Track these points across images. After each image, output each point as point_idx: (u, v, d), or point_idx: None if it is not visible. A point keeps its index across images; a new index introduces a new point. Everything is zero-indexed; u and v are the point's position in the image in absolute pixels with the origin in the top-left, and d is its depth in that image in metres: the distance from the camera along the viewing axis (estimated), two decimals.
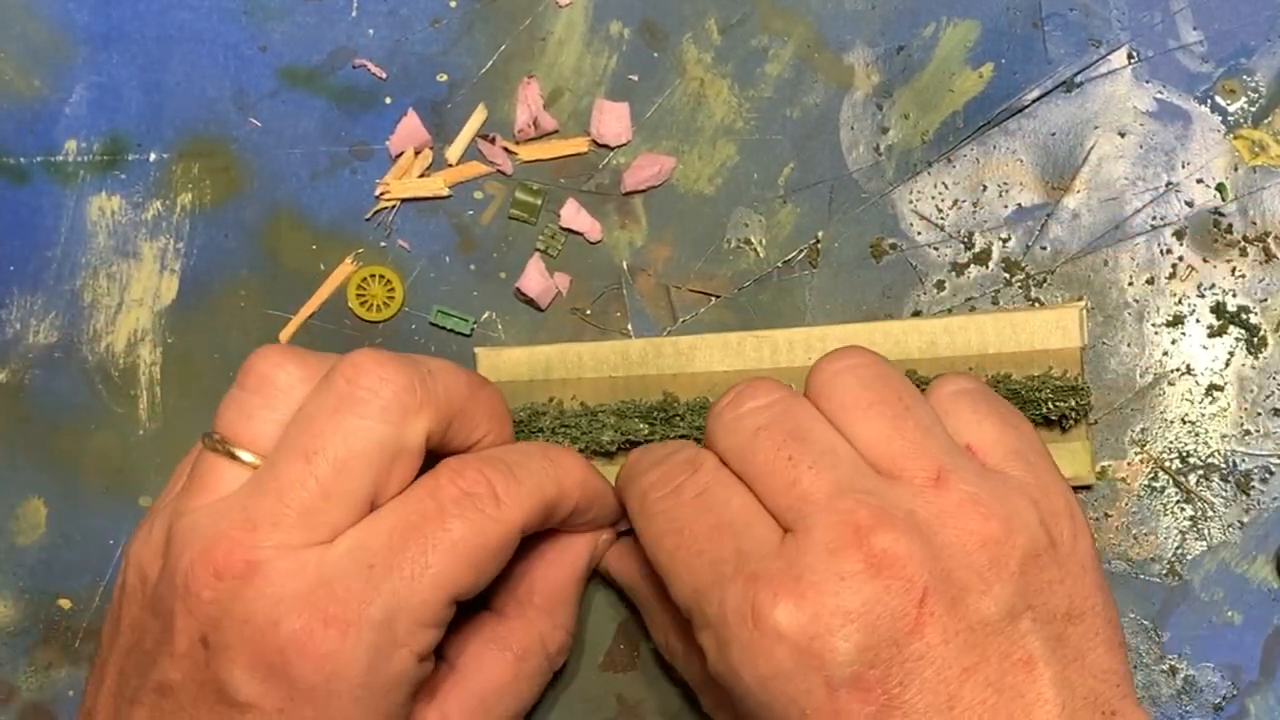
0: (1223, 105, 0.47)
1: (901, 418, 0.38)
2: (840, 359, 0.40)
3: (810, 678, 0.35)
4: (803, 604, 0.35)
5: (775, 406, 0.39)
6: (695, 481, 0.39)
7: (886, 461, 0.38)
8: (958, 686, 0.35)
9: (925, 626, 0.35)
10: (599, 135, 0.47)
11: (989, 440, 0.39)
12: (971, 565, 0.36)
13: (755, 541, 0.37)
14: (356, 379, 0.38)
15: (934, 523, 0.36)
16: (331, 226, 0.47)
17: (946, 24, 0.47)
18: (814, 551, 0.35)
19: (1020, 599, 0.36)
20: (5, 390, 0.47)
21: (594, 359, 0.46)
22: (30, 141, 0.47)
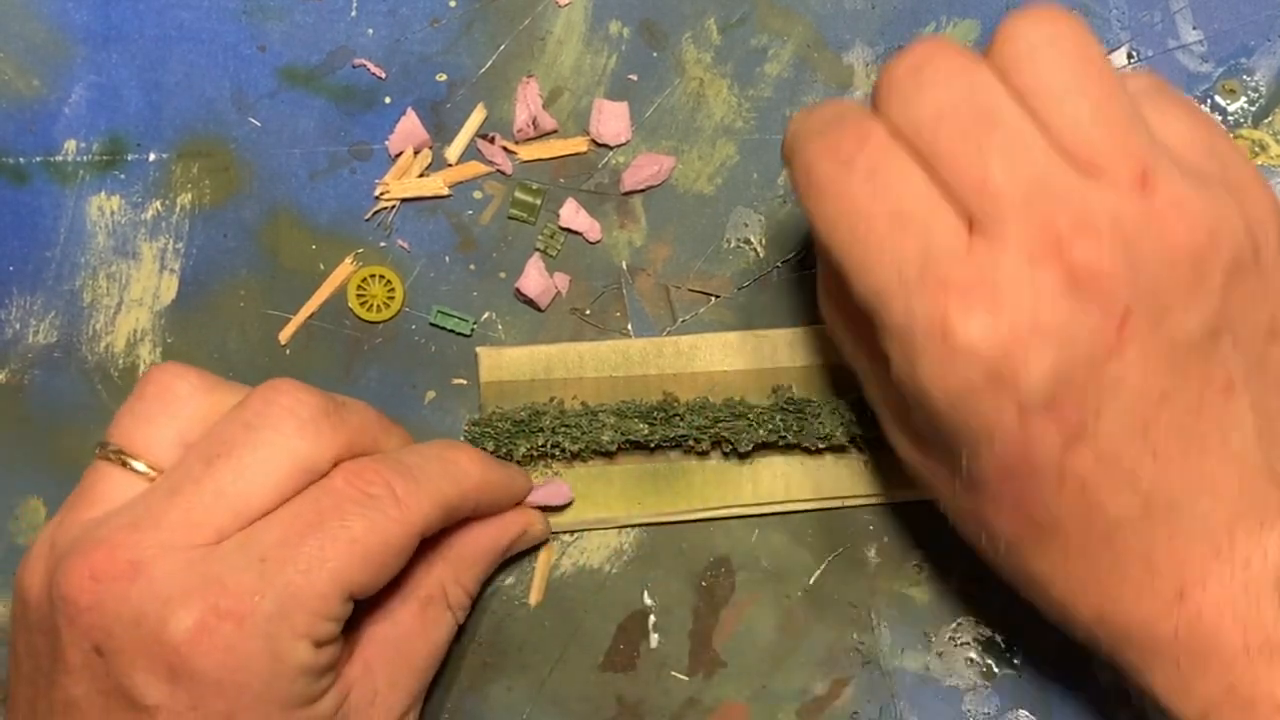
0: (1223, 105, 0.47)
1: (1103, 105, 0.34)
2: (1034, 29, 0.34)
3: (1002, 398, 0.32)
4: (999, 317, 0.32)
5: (959, 80, 0.34)
6: (866, 156, 0.35)
7: (1086, 155, 0.33)
8: (1155, 411, 0.32)
9: (1125, 348, 0.32)
10: (598, 135, 0.47)
11: (1184, 137, 0.35)
12: (1177, 279, 0.33)
13: (941, 239, 0.33)
14: (274, 399, 0.38)
15: (1139, 230, 0.32)
16: (331, 226, 0.47)
17: (946, 24, 0.47)
18: (1009, 259, 0.32)
19: (1223, 317, 0.33)
20: (5, 390, 0.47)
21: (595, 359, 0.46)
22: (30, 141, 0.47)
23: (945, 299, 0.32)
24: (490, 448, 0.45)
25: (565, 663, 0.46)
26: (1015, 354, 0.32)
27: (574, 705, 0.46)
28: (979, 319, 0.32)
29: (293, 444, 0.38)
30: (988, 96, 0.34)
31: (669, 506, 0.46)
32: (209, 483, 0.37)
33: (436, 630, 0.42)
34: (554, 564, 0.46)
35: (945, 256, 0.33)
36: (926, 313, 0.33)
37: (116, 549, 0.36)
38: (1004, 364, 0.32)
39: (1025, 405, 0.32)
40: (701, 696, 0.46)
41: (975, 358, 0.32)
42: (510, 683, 0.46)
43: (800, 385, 0.46)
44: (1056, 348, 0.32)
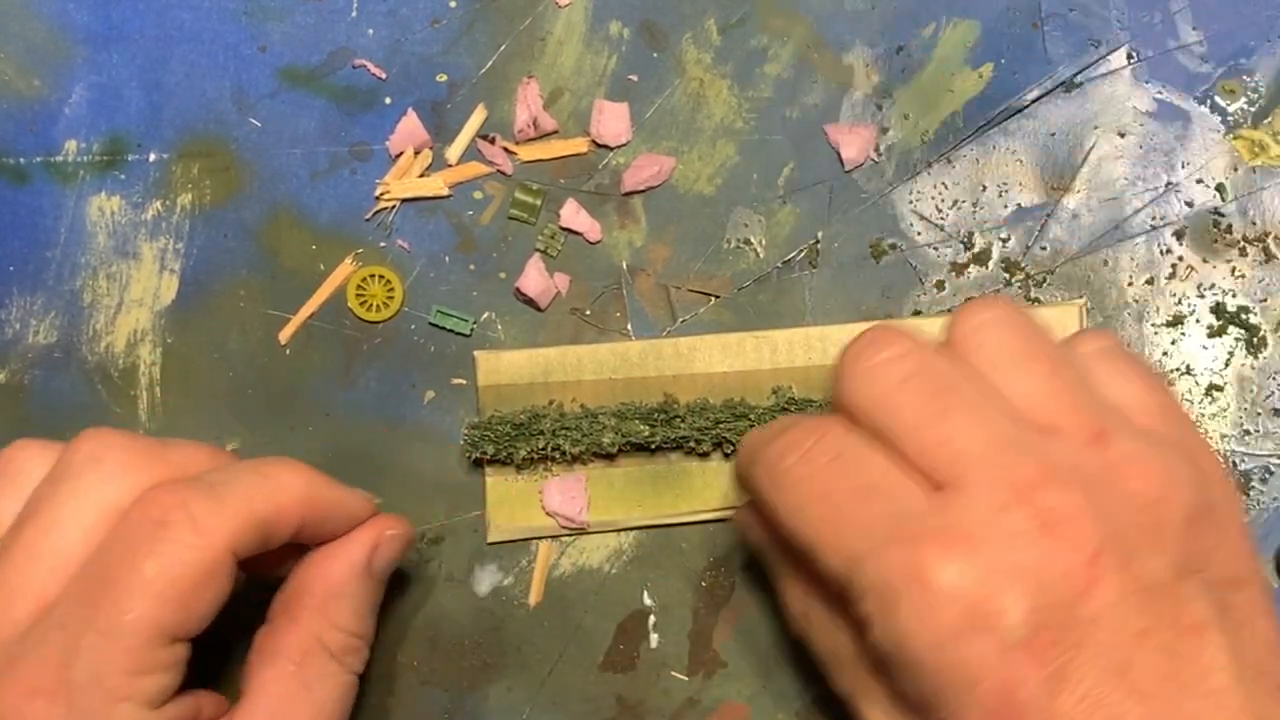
0: (1222, 105, 0.47)
1: (1055, 373, 0.36)
2: (984, 310, 0.37)
3: (983, 640, 0.33)
4: (975, 562, 0.33)
5: (915, 355, 0.37)
6: (826, 446, 0.37)
7: (1044, 417, 0.35)
8: (1132, 651, 0.33)
9: (1098, 587, 0.33)
10: (599, 135, 0.47)
11: (1137, 400, 0.37)
12: (1139, 524, 0.34)
13: (907, 501, 0.35)
14: (77, 448, 0.38)
15: (1098, 480, 0.34)
16: (331, 226, 0.47)
17: (946, 24, 0.47)
18: (978, 508, 0.34)
19: (1187, 561, 0.34)
20: (5, 390, 0.47)
21: (594, 361, 0.46)
22: (30, 141, 0.47)
23: (922, 547, 0.33)
24: (490, 451, 0.45)
25: (565, 663, 0.46)
26: (993, 594, 0.33)
27: (574, 705, 0.46)
28: (955, 563, 0.33)
29: (97, 490, 0.37)
30: (943, 368, 0.36)
31: (670, 508, 0.46)
32: (18, 550, 0.36)
33: (321, 689, 0.39)
34: (554, 564, 0.46)
35: (914, 514, 0.34)
36: (902, 564, 0.34)
37: None
38: (984, 604, 0.33)
39: (1006, 643, 0.33)
40: (701, 696, 0.46)
41: (955, 600, 0.33)
42: (510, 683, 0.46)
43: (800, 385, 0.46)
44: (1033, 586, 0.33)
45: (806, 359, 0.46)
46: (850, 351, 0.38)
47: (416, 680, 0.46)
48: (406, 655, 0.46)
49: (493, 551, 0.46)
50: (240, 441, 0.47)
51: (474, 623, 0.46)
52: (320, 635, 0.40)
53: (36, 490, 0.38)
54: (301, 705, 0.39)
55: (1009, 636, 0.33)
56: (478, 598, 0.46)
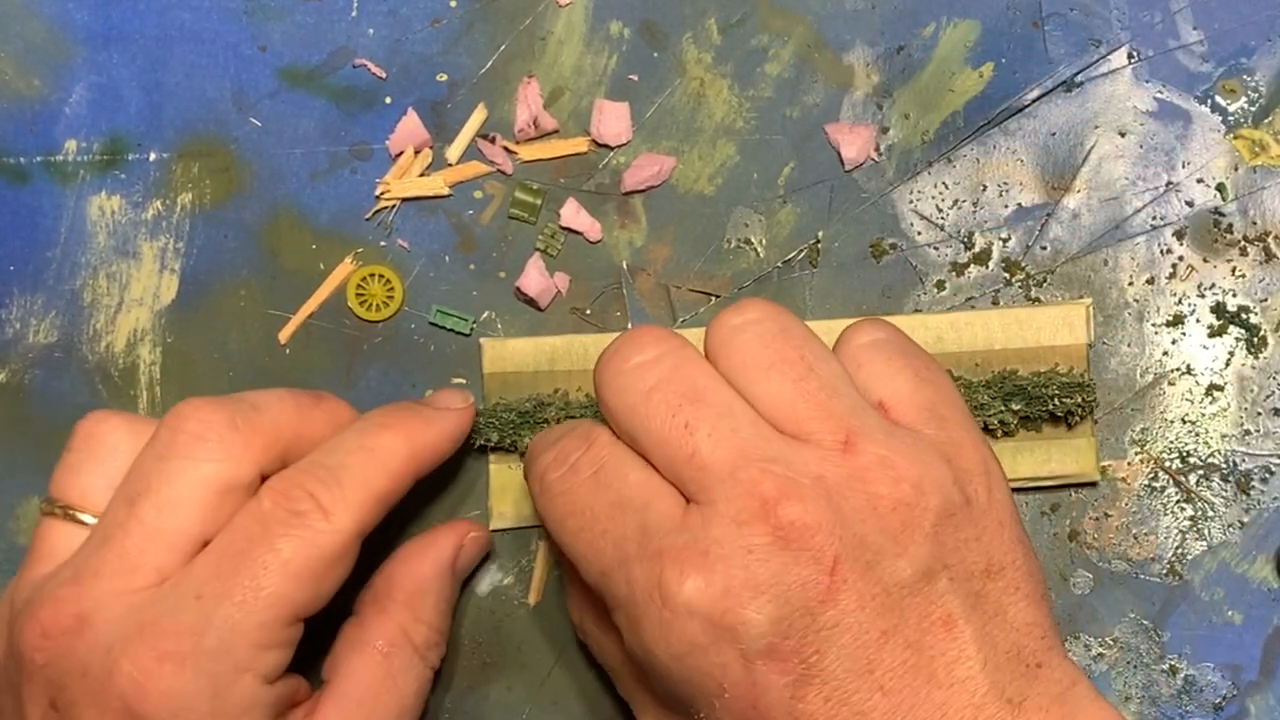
0: (1223, 105, 0.47)
1: (805, 379, 0.37)
2: (738, 313, 0.38)
3: (725, 651, 0.34)
4: (711, 578, 0.34)
5: (665, 362, 0.37)
6: (590, 458, 0.38)
7: (791, 424, 0.36)
8: (876, 650, 0.34)
9: (838, 593, 0.34)
10: (599, 135, 0.47)
11: (902, 396, 0.38)
12: (884, 529, 0.35)
13: (657, 516, 0.36)
14: (179, 426, 0.39)
15: (843, 487, 0.35)
16: (331, 226, 0.47)
17: (946, 24, 0.47)
18: (719, 524, 0.35)
19: (936, 559, 0.35)
20: (5, 390, 0.47)
21: (599, 350, 0.46)
22: (30, 141, 0.47)
23: (660, 565, 0.35)
24: (494, 438, 0.45)
25: (565, 663, 0.46)
26: (732, 609, 0.34)
27: (574, 705, 0.46)
28: (692, 580, 0.34)
29: (205, 469, 0.38)
30: (693, 375, 0.37)
31: None
32: (135, 524, 0.38)
33: (405, 680, 0.41)
34: (554, 563, 0.46)
35: (661, 529, 0.35)
36: (644, 580, 0.35)
37: (61, 604, 0.37)
38: (722, 619, 0.34)
39: (748, 654, 0.34)
40: None
41: (693, 616, 0.34)
42: (510, 683, 0.46)
43: None
44: (771, 599, 0.34)
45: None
46: (605, 353, 0.38)
47: None
48: None
49: (492, 551, 0.46)
50: None
51: (474, 623, 0.46)
52: (407, 628, 0.42)
53: (140, 464, 0.39)
54: (387, 694, 0.41)
55: (751, 647, 0.34)
56: (478, 597, 0.46)
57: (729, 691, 0.34)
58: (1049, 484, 0.46)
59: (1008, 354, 0.45)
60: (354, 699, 0.40)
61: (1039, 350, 0.45)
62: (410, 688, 0.41)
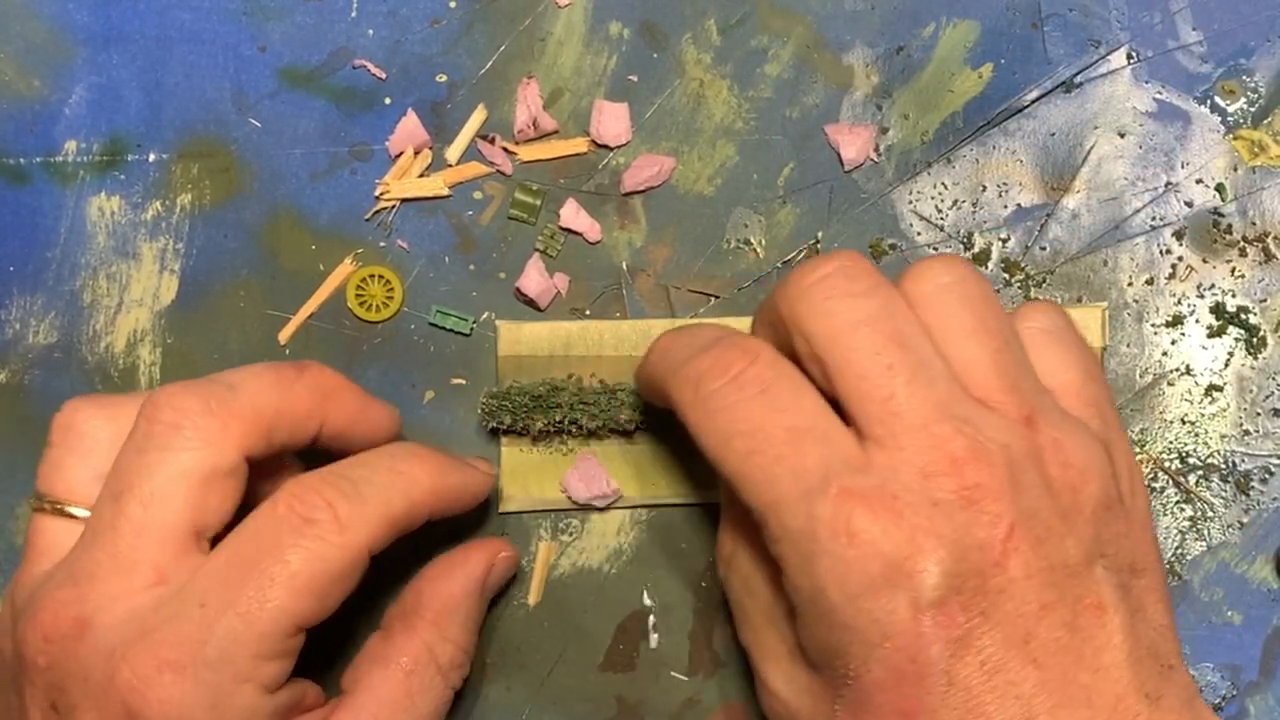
0: (1222, 105, 0.47)
1: (1002, 351, 0.37)
2: (945, 271, 0.38)
3: (898, 597, 0.34)
4: (899, 523, 0.34)
5: (875, 299, 0.37)
6: (756, 374, 0.37)
7: (981, 390, 0.37)
8: (1034, 623, 0.35)
9: (1009, 560, 0.35)
10: (599, 135, 0.47)
11: (1073, 387, 0.39)
12: (1055, 507, 0.36)
13: (839, 451, 0.36)
14: (155, 416, 0.38)
15: (1024, 460, 0.36)
16: (331, 227, 0.47)
17: (946, 24, 0.47)
18: (906, 471, 0.35)
19: (1095, 546, 0.36)
20: (5, 390, 0.47)
21: (615, 337, 0.46)
22: (30, 141, 0.47)
23: (850, 502, 0.35)
24: (507, 421, 0.45)
25: (565, 663, 0.46)
26: (914, 555, 0.34)
27: (574, 705, 0.46)
28: (883, 521, 0.34)
29: (184, 458, 0.37)
30: (900, 319, 0.37)
31: (686, 488, 0.46)
32: (123, 523, 0.37)
33: (425, 699, 0.41)
34: (553, 564, 0.46)
35: (845, 466, 0.35)
36: (830, 518, 0.35)
37: (61, 607, 0.37)
38: (905, 564, 0.34)
39: (919, 603, 0.34)
40: (701, 696, 0.46)
41: (876, 558, 0.34)
42: (510, 683, 0.46)
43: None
44: (950, 553, 0.34)
45: None
46: (807, 270, 0.38)
47: None
48: None
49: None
50: None
51: None
52: (433, 646, 0.42)
53: (121, 460, 0.38)
54: (404, 713, 0.41)
55: (923, 597, 0.34)
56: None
57: (891, 641, 0.34)
58: None
59: None
60: (369, 713, 0.40)
61: None
62: (429, 707, 0.41)
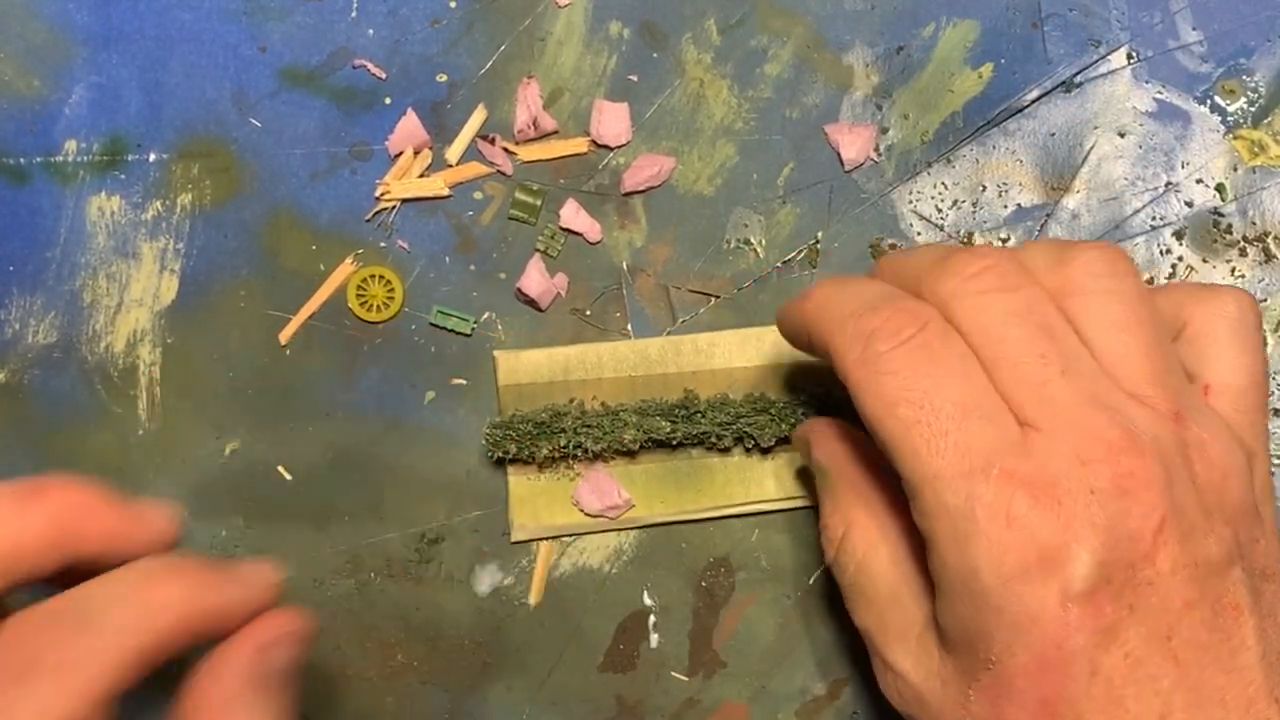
0: (1222, 105, 0.47)
1: (1153, 347, 0.37)
2: (1103, 262, 0.38)
3: (1049, 584, 0.34)
4: (1058, 510, 0.34)
5: (1023, 292, 0.37)
6: (926, 341, 0.36)
7: (1130, 383, 0.37)
8: (1178, 619, 0.35)
9: (1158, 554, 0.35)
10: (599, 135, 0.47)
11: (1232, 389, 0.39)
12: (1200, 505, 0.36)
13: (1004, 432, 0.35)
14: None
15: (1174, 454, 0.36)
16: (331, 227, 0.47)
17: (946, 24, 0.47)
18: (1064, 458, 0.35)
19: (1235, 547, 0.36)
20: (5, 390, 0.47)
21: (613, 359, 0.46)
22: (30, 141, 0.47)
23: (1012, 486, 0.35)
24: (513, 450, 0.45)
25: (565, 663, 0.46)
26: (1068, 544, 0.34)
27: (574, 705, 0.46)
28: (1042, 507, 0.34)
29: None
30: (1048, 311, 0.37)
31: (692, 504, 0.46)
32: None
33: None
34: (554, 564, 0.46)
35: (1008, 449, 0.35)
36: (992, 498, 0.35)
37: None
38: (1059, 552, 0.34)
39: (1069, 592, 0.34)
40: (701, 696, 0.46)
41: (1034, 543, 0.34)
42: (510, 683, 0.46)
43: (820, 380, 0.46)
44: (1103, 543, 0.34)
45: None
46: (957, 264, 0.38)
47: (416, 680, 0.46)
48: (406, 655, 0.46)
49: (493, 551, 0.46)
50: (240, 441, 0.47)
51: (474, 623, 0.46)
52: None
53: None
54: None
55: (1073, 586, 0.34)
56: (478, 598, 0.46)
57: (1040, 627, 0.34)
58: None
59: None
60: None
61: None
62: None
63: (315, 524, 0.46)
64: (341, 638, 0.46)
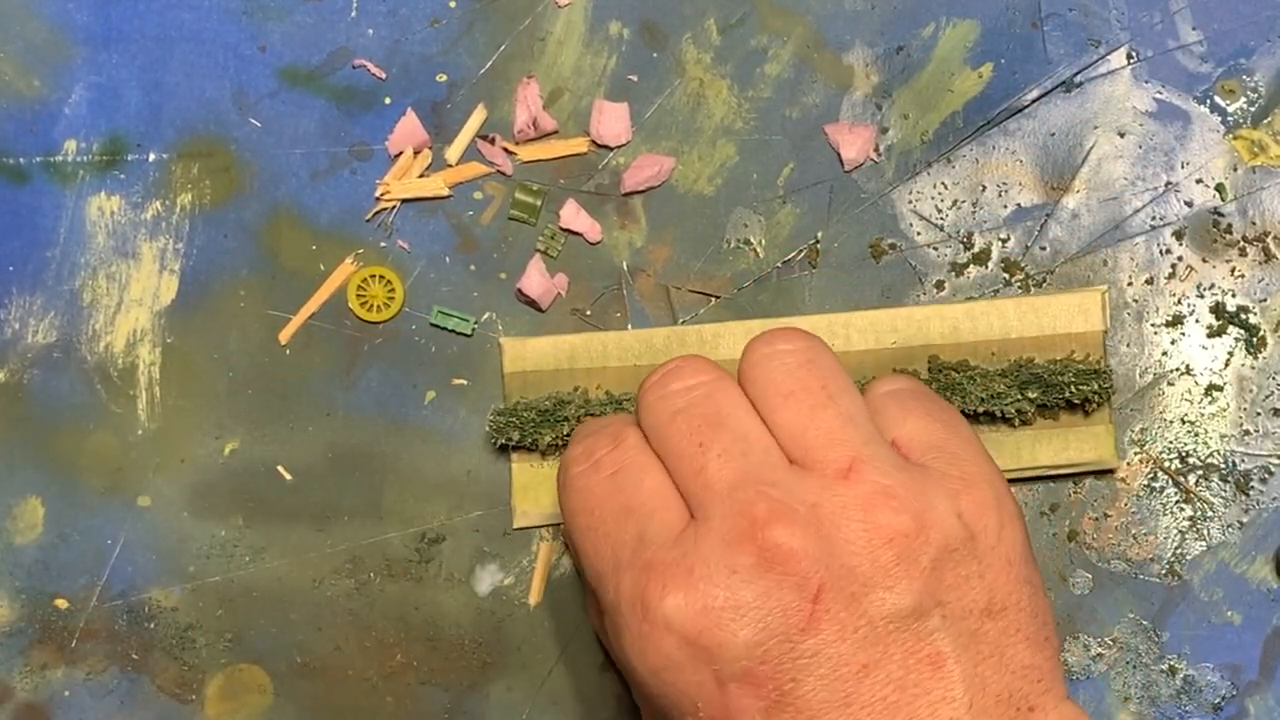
0: (1222, 105, 0.47)
1: (821, 407, 0.37)
2: (769, 343, 0.39)
3: (700, 670, 0.34)
4: (692, 596, 0.34)
5: (698, 390, 0.38)
6: (614, 458, 0.38)
7: (799, 451, 0.37)
8: (855, 684, 0.34)
9: (820, 623, 0.34)
10: (599, 135, 0.47)
11: (913, 434, 0.39)
12: (877, 561, 0.35)
13: (657, 527, 0.36)
14: None
15: (838, 516, 0.35)
16: (331, 227, 0.47)
17: (946, 24, 0.47)
18: (710, 542, 0.35)
19: (929, 595, 0.35)
20: (4, 390, 0.47)
21: (619, 348, 0.46)
22: (30, 141, 0.47)
23: (648, 577, 0.35)
24: (516, 438, 0.45)
25: (565, 663, 0.46)
26: (709, 629, 0.34)
27: (574, 705, 0.46)
28: (673, 596, 0.34)
29: None
30: (720, 401, 0.38)
31: None
32: None
33: None
34: (554, 564, 0.46)
35: (657, 541, 0.36)
36: (630, 590, 0.35)
37: None
38: (699, 638, 0.34)
39: (723, 676, 0.34)
40: None
41: (670, 632, 0.34)
42: (510, 683, 0.46)
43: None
44: (751, 622, 0.34)
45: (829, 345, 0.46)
46: (650, 378, 0.39)
47: (416, 680, 0.46)
48: (406, 655, 0.46)
49: (493, 551, 0.46)
50: (240, 441, 0.47)
51: (474, 623, 0.46)
52: None
53: None
54: None
55: (727, 669, 0.34)
56: (478, 598, 0.46)
57: (703, 711, 0.35)
58: (1068, 472, 0.46)
59: (1024, 342, 0.45)
60: None
61: (1055, 338, 0.45)
62: None
63: (315, 524, 0.46)
64: (341, 638, 0.46)
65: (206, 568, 0.47)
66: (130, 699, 0.47)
